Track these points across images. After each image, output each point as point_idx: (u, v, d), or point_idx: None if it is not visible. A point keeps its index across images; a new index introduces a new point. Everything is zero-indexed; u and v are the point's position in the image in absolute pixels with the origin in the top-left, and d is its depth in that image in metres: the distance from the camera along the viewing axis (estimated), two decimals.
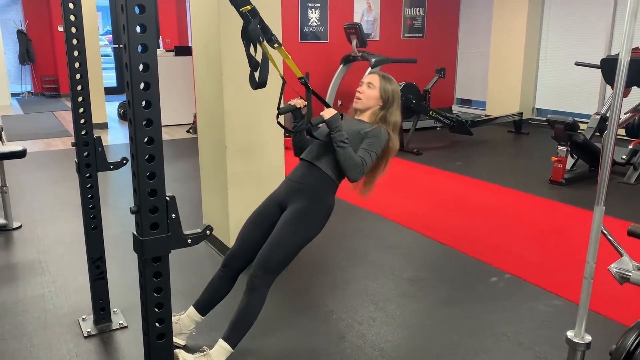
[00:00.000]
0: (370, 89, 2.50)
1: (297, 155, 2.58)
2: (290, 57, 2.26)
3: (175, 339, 2.40)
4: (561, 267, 3.43)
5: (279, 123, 2.58)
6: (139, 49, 1.36)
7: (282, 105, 2.51)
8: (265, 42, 2.25)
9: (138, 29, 1.35)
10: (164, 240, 1.50)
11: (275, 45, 2.25)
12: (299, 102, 2.45)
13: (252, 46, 2.27)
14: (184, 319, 2.48)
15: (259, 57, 2.31)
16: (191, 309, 2.48)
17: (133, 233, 1.52)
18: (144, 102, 1.40)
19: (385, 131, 2.45)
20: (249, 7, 2.14)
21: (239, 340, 2.29)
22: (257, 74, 2.32)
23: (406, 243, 3.85)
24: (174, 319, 2.41)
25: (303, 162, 2.47)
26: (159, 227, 1.49)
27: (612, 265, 1.92)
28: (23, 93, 12.59)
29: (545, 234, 4.01)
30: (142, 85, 1.39)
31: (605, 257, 2.02)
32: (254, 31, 2.16)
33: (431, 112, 7.04)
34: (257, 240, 2.39)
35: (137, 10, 1.34)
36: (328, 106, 2.35)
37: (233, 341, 2.27)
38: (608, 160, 1.56)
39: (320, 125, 2.37)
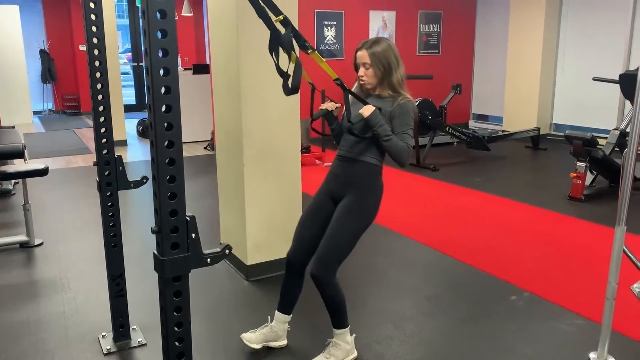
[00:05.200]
0: (368, 68, 2.45)
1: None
2: (324, 60, 2.32)
3: (277, 343, 2.67)
4: (582, 285, 3.38)
5: (313, 129, 2.62)
6: (161, 72, 1.39)
7: (314, 110, 2.54)
8: (295, 51, 2.29)
9: (160, 53, 1.38)
10: (184, 259, 1.52)
11: (309, 50, 2.30)
12: (330, 105, 2.48)
13: (284, 55, 2.31)
14: (277, 325, 2.65)
15: (289, 65, 2.33)
16: (277, 314, 2.65)
17: (154, 252, 1.54)
18: (165, 124, 1.43)
19: (405, 100, 2.42)
20: (281, 17, 2.19)
21: (344, 319, 2.50)
22: (289, 81, 2.35)
23: (424, 260, 3.83)
24: (266, 329, 2.65)
25: (342, 157, 2.50)
26: (179, 247, 1.52)
27: (635, 285, 1.89)
28: (45, 111, 12.83)
29: (565, 251, 3.96)
30: (164, 108, 1.42)
31: (629, 275, 1.99)
32: (287, 40, 2.20)
33: (447, 127, 7.03)
34: (314, 235, 2.49)
35: (159, 35, 1.37)
36: (366, 104, 2.37)
37: (342, 324, 2.50)
38: (629, 180, 1.54)
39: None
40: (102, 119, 2.47)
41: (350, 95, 2.39)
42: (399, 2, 9.13)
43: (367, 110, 2.34)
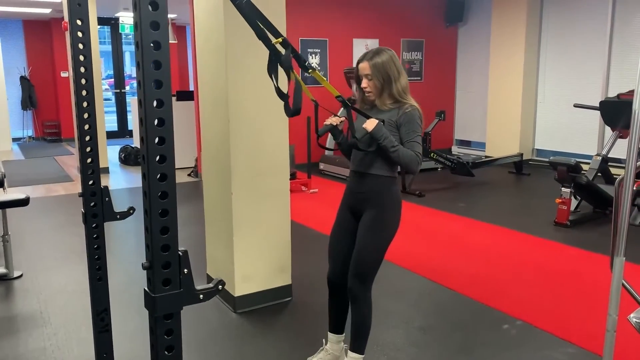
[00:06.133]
0: (370, 79, 2.45)
1: (349, 158, 2.66)
2: (325, 79, 2.34)
3: None
4: (572, 312, 3.36)
5: (320, 144, 2.69)
6: (155, 103, 1.36)
7: (319, 126, 2.54)
8: (293, 72, 2.31)
9: (154, 85, 1.35)
10: (176, 296, 1.47)
11: (310, 70, 2.33)
12: (334, 120, 2.48)
13: (281, 77, 2.32)
14: (332, 346, 2.66)
15: (288, 86, 2.34)
16: (330, 335, 2.67)
17: (144, 289, 1.48)
18: (158, 157, 1.40)
19: (411, 108, 2.42)
20: (280, 40, 2.21)
21: (364, 345, 2.51)
22: (291, 102, 2.35)
23: (414, 289, 3.79)
24: (322, 353, 2.67)
25: (355, 172, 2.53)
26: (171, 283, 1.46)
27: (632, 315, 1.87)
28: (24, 138, 12.64)
29: (554, 277, 3.95)
30: (157, 140, 1.39)
31: (625, 304, 1.97)
32: (287, 60, 2.22)
33: (432, 154, 7.07)
34: (344, 251, 2.55)
35: (153, 66, 1.34)
36: (369, 117, 2.37)
37: (360, 349, 2.50)
38: (626, 210, 1.54)
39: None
40: (88, 149, 2.41)
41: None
42: (382, 30, 9.25)
43: (370, 124, 2.35)
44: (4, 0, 9.21)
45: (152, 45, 1.34)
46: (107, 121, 9.49)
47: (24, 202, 3.85)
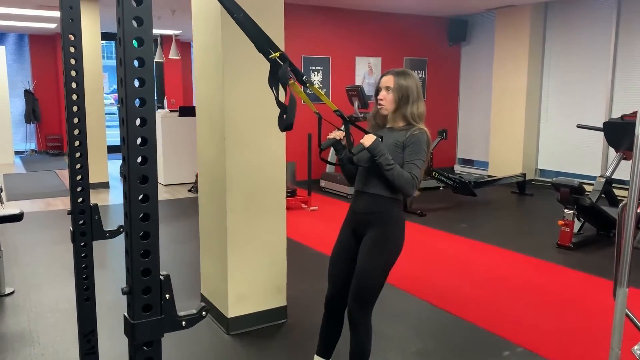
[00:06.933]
0: (389, 92, 2.44)
1: (350, 183, 2.64)
2: (323, 93, 2.33)
3: None
4: (575, 339, 3.27)
5: (322, 159, 2.67)
6: (138, 122, 1.32)
7: (322, 140, 2.52)
8: (295, 84, 2.29)
9: (137, 102, 1.30)
10: (156, 323, 1.40)
11: (308, 84, 2.32)
12: (338, 134, 2.45)
13: (281, 90, 2.30)
14: None
15: (285, 99, 2.31)
16: (316, 358, 2.61)
17: (124, 315, 1.42)
18: (140, 177, 1.34)
19: (419, 131, 2.40)
20: (278, 54, 2.19)
21: None
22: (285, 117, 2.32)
23: (412, 312, 3.70)
24: None
25: (359, 192, 2.50)
26: (152, 309, 1.40)
27: (636, 347, 1.80)
28: (27, 151, 12.66)
29: (557, 301, 3.86)
30: (139, 160, 1.33)
31: (629, 335, 1.89)
32: (283, 75, 2.20)
33: (434, 172, 7.01)
34: (345, 275, 2.49)
35: (137, 83, 1.30)
36: (367, 133, 2.34)
37: None
38: (629, 239, 1.47)
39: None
40: (78, 166, 2.36)
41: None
42: (385, 48, 9.26)
43: (368, 140, 2.32)
44: (10, 14, 9.27)
45: (135, 62, 1.30)
46: (112, 135, 9.48)
47: (17, 218, 3.80)
